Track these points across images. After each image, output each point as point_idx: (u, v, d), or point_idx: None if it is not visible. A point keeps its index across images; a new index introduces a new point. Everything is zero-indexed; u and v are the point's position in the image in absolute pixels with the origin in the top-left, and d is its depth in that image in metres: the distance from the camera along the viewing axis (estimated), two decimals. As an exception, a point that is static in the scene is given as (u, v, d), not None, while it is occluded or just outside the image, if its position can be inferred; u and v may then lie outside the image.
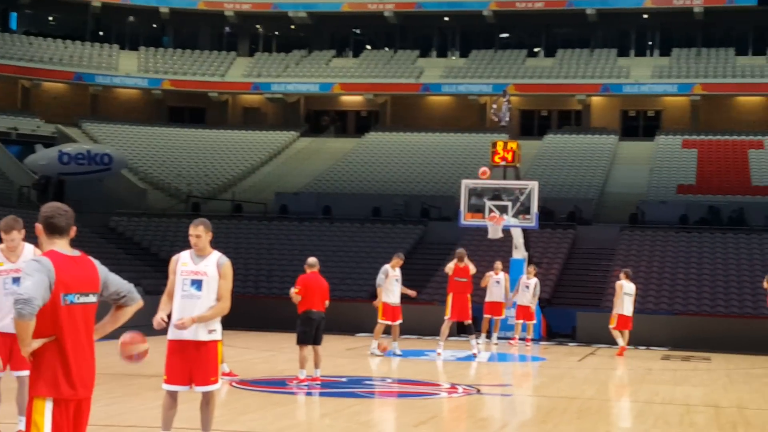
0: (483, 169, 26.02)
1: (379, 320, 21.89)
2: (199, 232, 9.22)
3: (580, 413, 13.87)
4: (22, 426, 9.07)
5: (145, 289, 32.48)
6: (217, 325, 9.28)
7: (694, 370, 21.40)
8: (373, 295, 25.86)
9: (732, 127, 54.53)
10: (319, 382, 15.57)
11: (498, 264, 26.47)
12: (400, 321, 21.92)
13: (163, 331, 9.21)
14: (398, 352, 21.90)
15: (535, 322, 26.78)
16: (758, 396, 16.93)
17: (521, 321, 26.52)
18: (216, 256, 9.29)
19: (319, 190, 47.31)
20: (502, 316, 26.44)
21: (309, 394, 14.91)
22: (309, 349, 15.77)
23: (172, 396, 9.24)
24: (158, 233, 39.97)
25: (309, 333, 15.76)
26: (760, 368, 21.89)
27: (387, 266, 21.98)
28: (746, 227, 39.05)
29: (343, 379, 16.91)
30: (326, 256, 35.59)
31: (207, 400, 9.30)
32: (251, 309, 28.42)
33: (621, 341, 24.44)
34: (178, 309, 9.14)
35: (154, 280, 32.65)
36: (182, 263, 9.29)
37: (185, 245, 9.46)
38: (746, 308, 31.13)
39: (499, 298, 26.03)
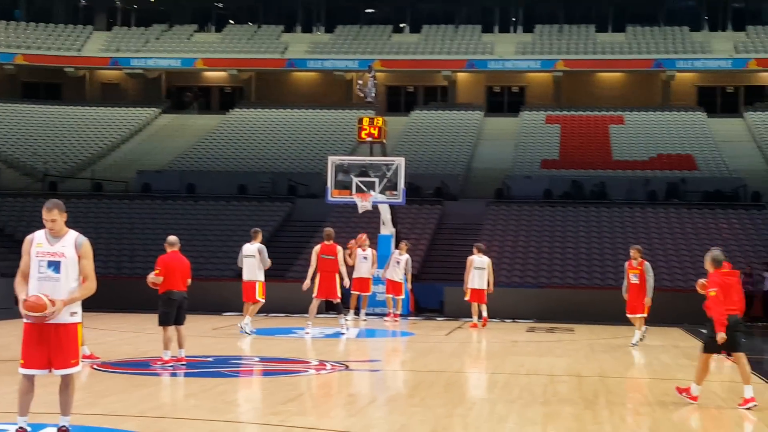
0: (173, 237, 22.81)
1: (259, 298, 21.55)
2: (54, 216, 8.97)
3: (447, 386, 14.05)
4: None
5: (1, 272, 31.66)
6: (78, 307, 9.10)
7: (558, 341, 21.92)
8: (239, 273, 25.63)
9: (593, 102, 55.86)
10: (183, 363, 15.41)
11: (364, 238, 26.54)
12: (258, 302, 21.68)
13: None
14: (249, 330, 21.54)
15: (403, 297, 27.01)
16: (618, 365, 17.44)
17: (391, 296, 26.73)
18: (73, 236, 9.07)
19: (183, 168, 46.72)
20: (370, 292, 26.60)
21: (174, 375, 14.74)
22: (172, 330, 15.61)
23: (29, 380, 9.01)
24: (13, 214, 38.90)
25: (170, 313, 15.61)
26: (622, 338, 22.54)
27: (261, 245, 21.99)
28: (608, 201, 40.11)
29: (210, 359, 16.78)
30: (191, 235, 35.26)
31: (66, 383, 9.10)
32: (113, 290, 27.91)
33: (475, 317, 24.94)
34: (35, 291, 8.90)
35: (9, 262, 31.75)
36: (37, 244, 9.02)
37: (41, 225, 9.21)
38: (608, 280, 32.00)
39: (367, 274, 26.18)
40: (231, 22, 62.62)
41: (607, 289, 30.55)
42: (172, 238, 15.92)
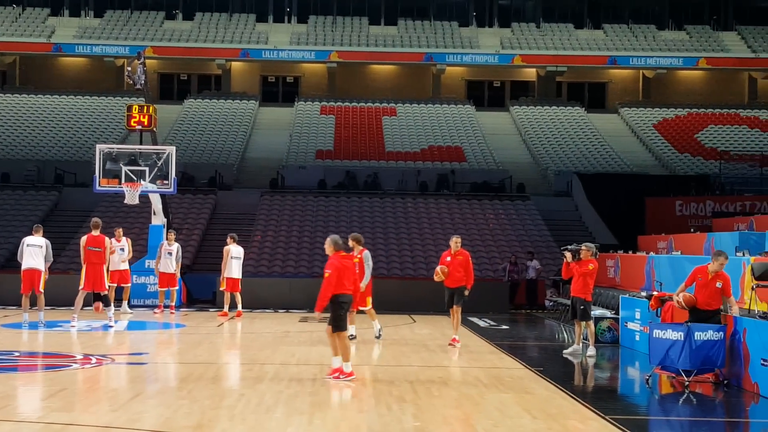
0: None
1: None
2: None
3: (216, 378, 13.92)
4: None
5: None
6: None
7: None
8: (2, 265, 24.78)
9: (367, 94, 56.63)
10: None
11: (119, 231, 25.93)
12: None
13: None
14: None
15: (177, 288, 26.54)
16: (387, 353, 17.72)
17: (165, 288, 26.22)
18: None
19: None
20: (129, 284, 25.96)
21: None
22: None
23: None
24: None
25: None
26: (392, 326, 22.92)
27: (26, 238, 21.49)
28: (381, 191, 40.74)
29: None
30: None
31: None
32: None
33: (227, 306, 25.14)
34: None
35: None
36: None
37: None
38: (380, 269, 32.47)
39: (124, 266, 25.50)
40: (-6, 3, 59.97)
41: (377, 278, 30.99)
42: None
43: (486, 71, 57.85)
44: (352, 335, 18.99)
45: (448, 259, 18.92)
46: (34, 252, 21.37)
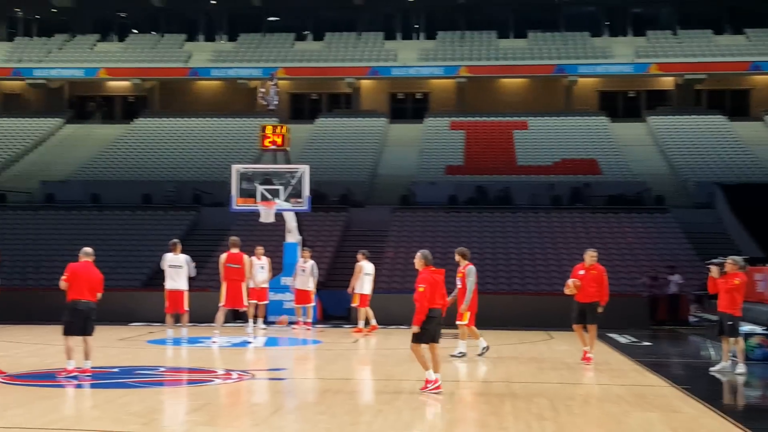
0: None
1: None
2: None
3: (354, 394, 14.04)
4: None
5: None
6: None
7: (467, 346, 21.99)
8: (146, 283, 25.53)
9: (497, 108, 56.37)
10: (89, 374, 15.16)
11: (260, 249, 26.34)
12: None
13: None
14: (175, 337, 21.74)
15: (313, 305, 26.84)
16: (525, 370, 17.59)
17: (301, 305, 26.56)
18: None
19: (87, 178, 46.00)
20: (267, 301, 26.34)
21: (79, 386, 14.49)
22: (77, 340, 15.34)
23: None
24: None
25: (76, 323, 15.36)
26: (529, 342, 22.77)
27: (166, 254, 22.11)
28: (512, 206, 40.48)
29: (115, 370, 16.54)
30: (96, 246, 34.20)
31: None
32: (18, 301, 27.42)
33: (361, 322, 25.35)
34: None
35: None
36: None
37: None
38: (514, 285, 32.30)
39: (264, 284, 25.92)
40: (134, 31, 61.89)
41: (512, 294, 30.84)
42: (88, 249, 15.83)
43: (620, 81, 56.98)
44: (461, 352, 18.95)
45: (581, 272, 18.47)
46: (176, 273, 22.03)
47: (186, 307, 22.05)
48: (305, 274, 26.57)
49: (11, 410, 11.88)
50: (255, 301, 25.74)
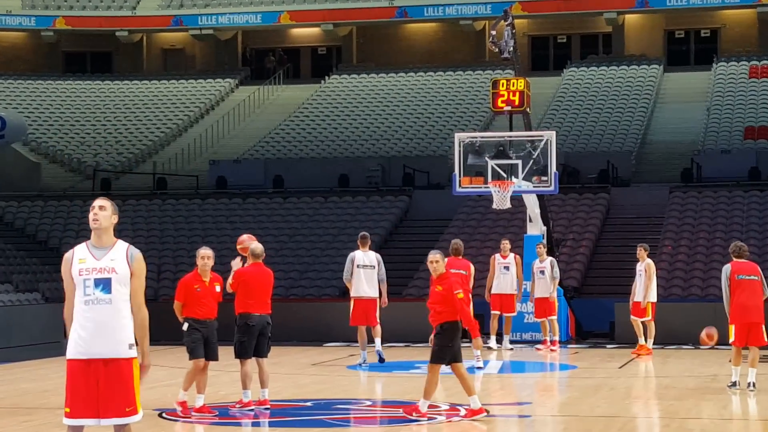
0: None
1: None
2: (104, 203, 9.21)
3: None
4: None
5: (44, 295, 32.46)
6: (132, 338, 9.27)
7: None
8: (344, 291, 25.94)
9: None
10: (268, 407, 15.52)
11: (506, 244, 26.44)
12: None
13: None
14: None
15: (555, 317, 26.61)
16: None
17: (543, 318, 26.47)
18: (123, 246, 9.28)
19: (267, 156, 47.20)
20: (514, 313, 26.38)
21: (256, 424, 14.88)
22: (252, 364, 15.65)
23: None
24: (57, 222, 39.75)
25: (248, 342, 15.61)
26: None
27: (355, 253, 22.29)
28: None
29: (307, 403, 16.88)
30: (279, 243, 35.68)
31: None
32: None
33: (641, 338, 25.20)
34: (82, 319, 9.08)
35: (55, 283, 32.55)
36: (79, 260, 9.22)
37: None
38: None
39: (511, 290, 26.00)
40: (323, -39, 63.06)
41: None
42: (257, 247, 15.95)
43: None
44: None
45: None
46: (367, 275, 22.22)
47: (378, 319, 22.33)
48: (545, 277, 26.42)
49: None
50: (497, 312, 25.87)
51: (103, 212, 9.17)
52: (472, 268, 22.94)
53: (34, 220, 39.97)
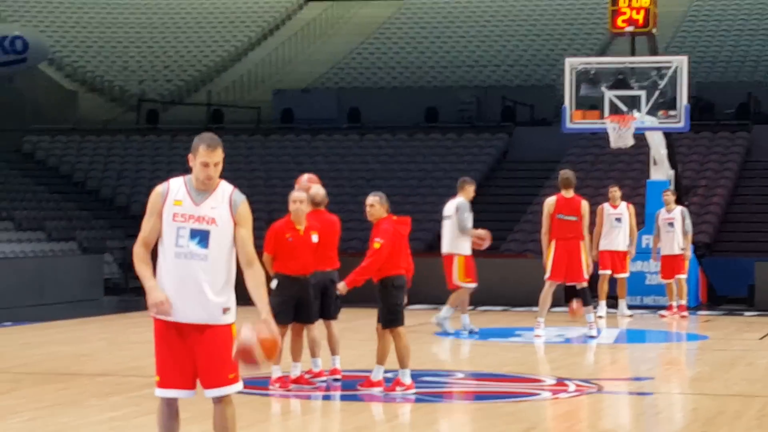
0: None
1: (460, 282, 22.00)
2: (217, 158, 9.00)
3: (762, 418, 13.90)
4: None
5: (81, 245, 32.82)
6: (233, 302, 9.15)
7: None
8: (431, 245, 26.00)
9: None
10: (338, 377, 15.65)
11: (616, 191, 26.23)
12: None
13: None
14: (472, 328, 22.11)
15: (684, 276, 26.52)
16: None
17: (670, 279, 26.35)
18: (226, 190, 9.15)
19: (341, 85, 47.31)
20: (627, 273, 26.26)
21: (326, 397, 15.08)
22: (320, 328, 15.67)
23: (170, 405, 9.16)
24: (97, 160, 39.91)
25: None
26: None
27: (462, 200, 22.24)
28: None
29: (390, 375, 17.00)
30: (354, 187, 35.75)
31: (222, 409, 9.11)
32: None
33: None
34: (172, 275, 8.94)
35: (94, 231, 32.90)
36: (174, 201, 9.00)
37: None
38: None
39: (623, 246, 25.89)
40: None
41: None
42: (317, 193, 15.73)
43: None
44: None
45: None
46: (445, 226, 22.16)
47: (457, 281, 21.97)
48: (674, 230, 26.27)
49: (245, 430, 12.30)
50: (607, 272, 25.80)
51: (218, 168, 8.99)
52: (585, 206, 21.87)
53: (70, 157, 40.17)
